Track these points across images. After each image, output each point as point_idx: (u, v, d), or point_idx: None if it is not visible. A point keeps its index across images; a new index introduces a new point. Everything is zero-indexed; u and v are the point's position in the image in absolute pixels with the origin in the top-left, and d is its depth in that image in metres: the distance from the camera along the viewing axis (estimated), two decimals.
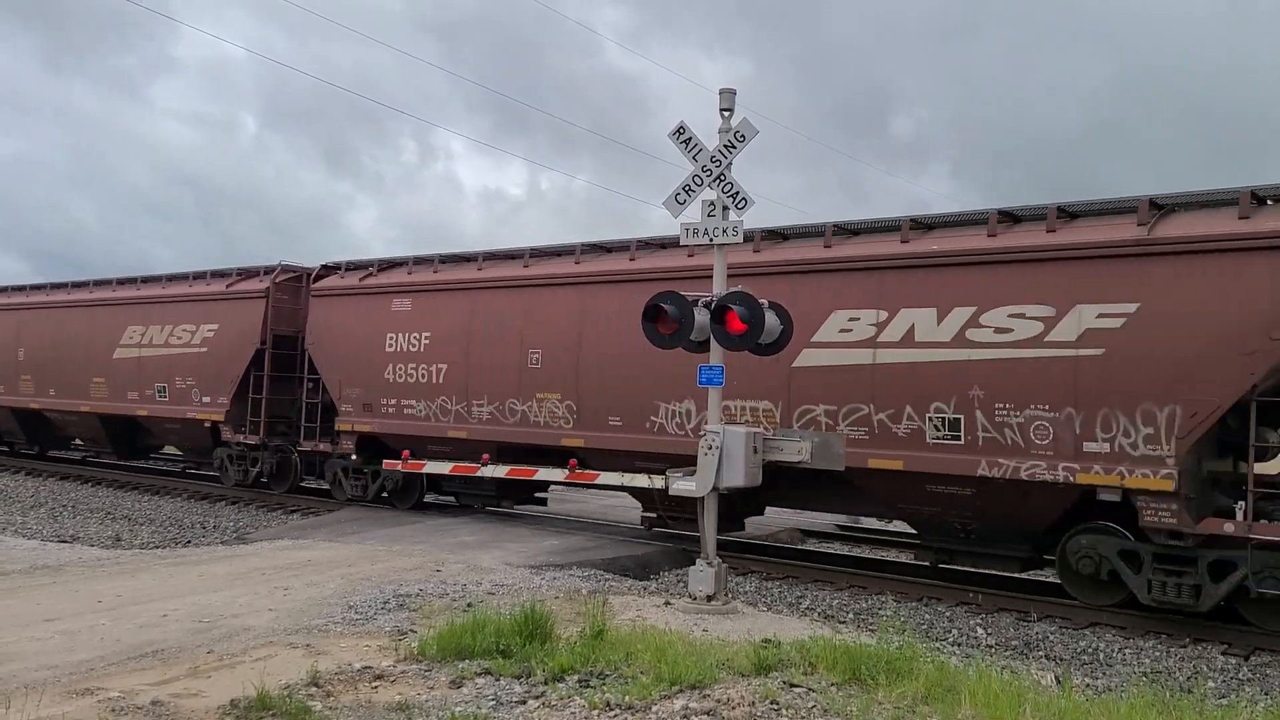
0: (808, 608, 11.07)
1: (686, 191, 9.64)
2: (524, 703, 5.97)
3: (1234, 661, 9.24)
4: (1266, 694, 8.28)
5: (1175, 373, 9.57)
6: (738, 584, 11.80)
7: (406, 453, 15.30)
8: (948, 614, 10.78)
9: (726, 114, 9.50)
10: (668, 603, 9.45)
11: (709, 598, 9.23)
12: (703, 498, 9.36)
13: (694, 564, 9.48)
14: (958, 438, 10.70)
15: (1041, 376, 10.21)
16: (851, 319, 11.43)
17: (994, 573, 11.48)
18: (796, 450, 9.61)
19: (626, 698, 5.93)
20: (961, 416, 10.67)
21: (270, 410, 18.01)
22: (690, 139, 9.59)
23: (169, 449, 22.88)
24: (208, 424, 18.89)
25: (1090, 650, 9.62)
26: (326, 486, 17.82)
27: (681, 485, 9.57)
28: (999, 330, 10.51)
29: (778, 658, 6.87)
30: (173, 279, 20.58)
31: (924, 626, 10.24)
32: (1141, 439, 9.75)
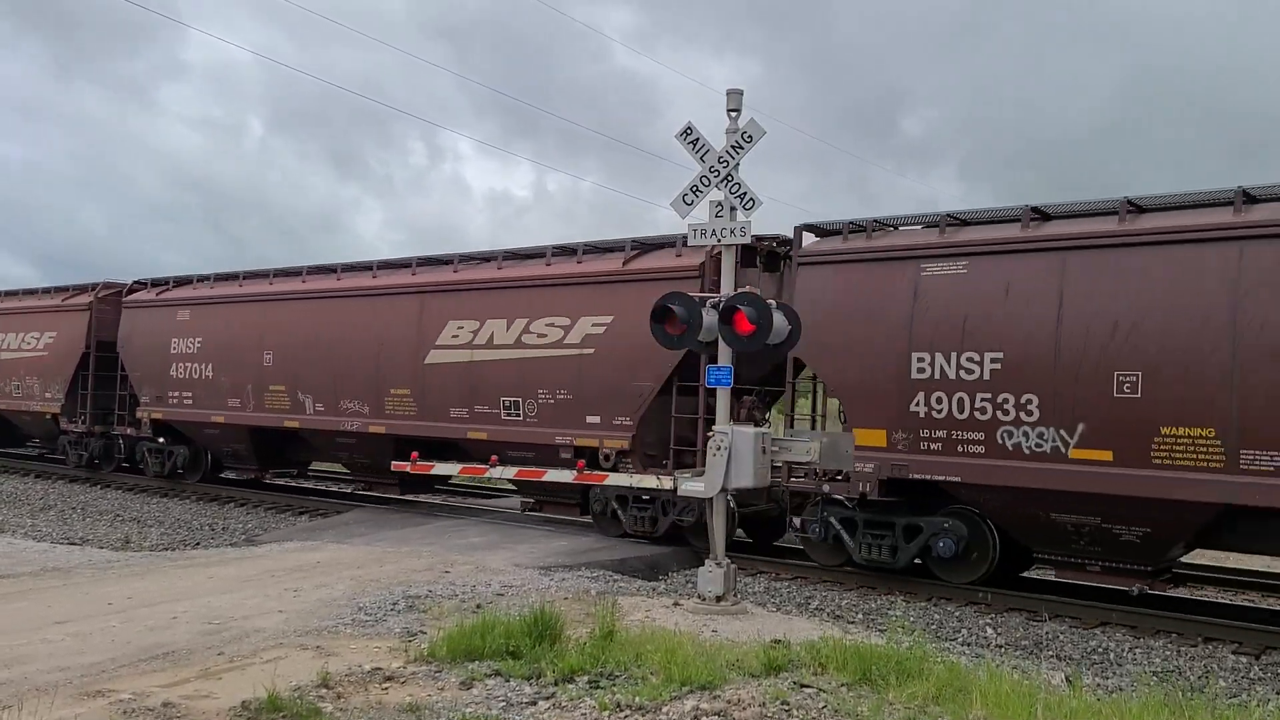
0: (817, 608, 11.06)
1: (694, 192, 9.64)
2: (534, 704, 5.97)
3: (1245, 660, 9.20)
4: (1278, 693, 8.25)
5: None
6: (747, 584, 11.79)
7: (415, 454, 15.26)
8: (957, 614, 10.75)
9: (734, 114, 9.49)
10: (677, 603, 9.45)
11: (718, 598, 9.22)
12: (711, 499, 9.36)
13: (703, 565, 9.47)
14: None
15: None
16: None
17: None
18: (805, 451, 9.60)
19: (637, 699, 5.93)
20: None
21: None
22: (698, 140, 9.58)
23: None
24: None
25: (1100, 649, 9.59)
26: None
27: (690, 486, 9.56)
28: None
29: (788, 658, 6.86)
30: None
31: (933, 626, 10.22)
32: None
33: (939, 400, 10.84)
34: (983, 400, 10.54)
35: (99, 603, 8.68)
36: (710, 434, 9.37)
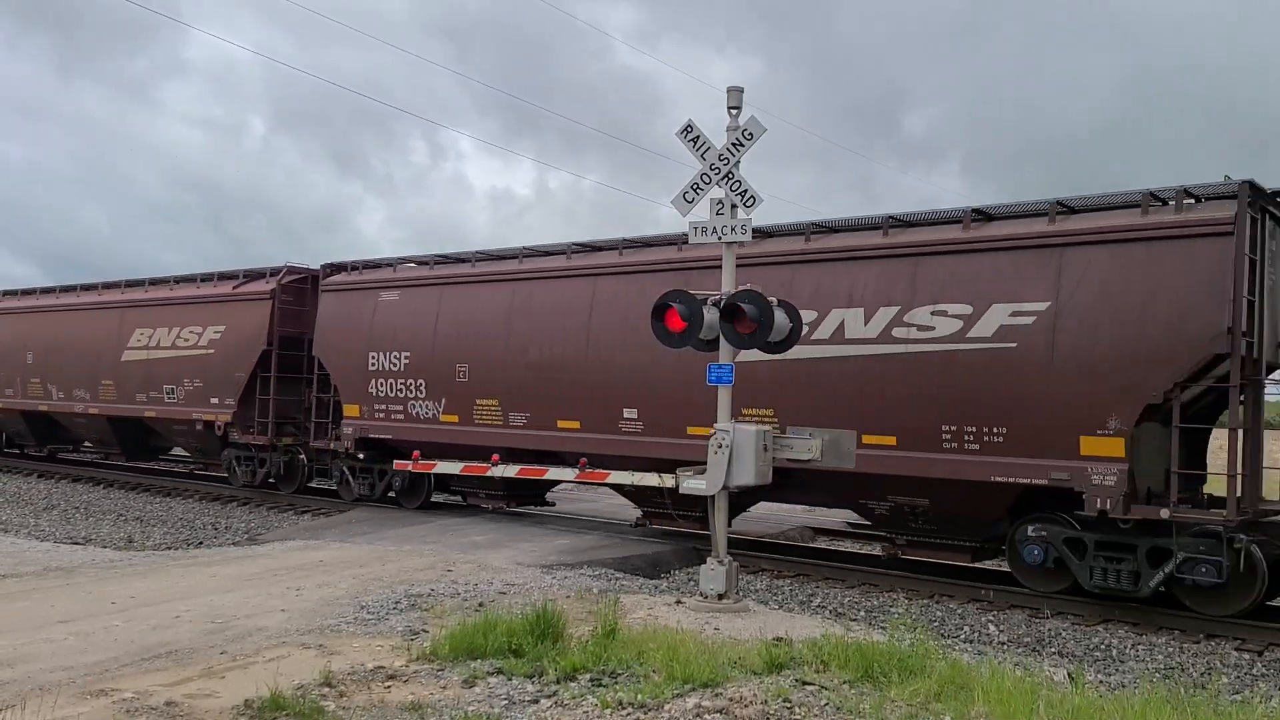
0: (819, 605, 11.06)
1: (695, 190, 9.63)
2: (536, 702, 5.98)
3: (1248, 657, 9.20)
4: None
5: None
6: (749, 582, 11.79)
7: (417, 453, 15.31)
8: (959, 611, 10.75)
9: (734, 112, 9.49)
10: (679, 601, 9.45)
11: (720, 596, 9.22)
12: (713, 496, 9.36)
13: (705, 563, 9.47)
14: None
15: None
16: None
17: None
18: (807, 448, 9.60)
19: (639, 697, 5.93)
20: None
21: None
22: (698, 137, 9.58)
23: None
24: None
25: (1103, 647, 9.59)
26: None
27: (691, 484, 9.56)
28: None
29: (790, 656, 6.87)
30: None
31: (935, 624, 10.22)
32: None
33: (383, 384, 16.33)
34: (401, 384, 16.09)
35: (102, 602, 8.69)
36: (712, 431, 9.37)
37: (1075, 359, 10.23)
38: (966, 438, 10.82)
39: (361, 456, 16.97)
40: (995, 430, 10.66)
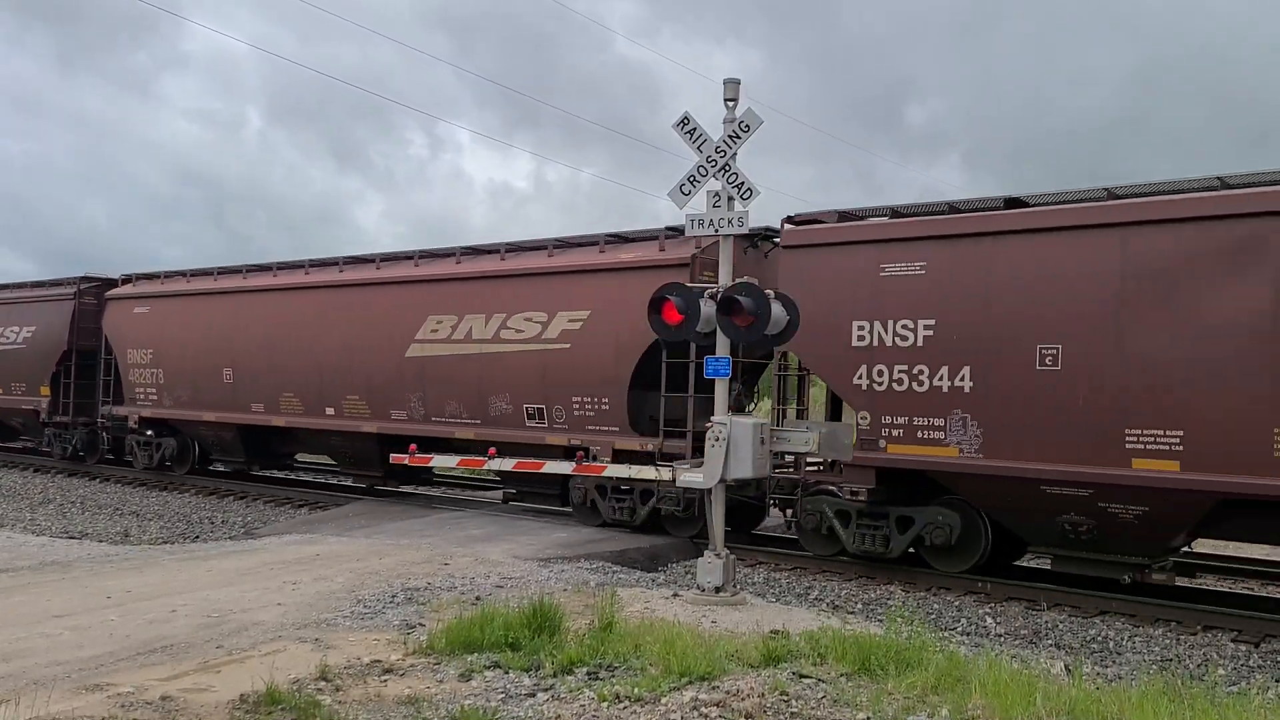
0: (816, 598, 11.06)
1: (691, 182, 9.61)
2: (533, 695, 5.97)
3: (1245, 648, 9.20)
4: (1278, 681, 8.26)
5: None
6: (746, 575, 11.79)
7: (414, 446, 15.28)
8: (956, 603, 10.76)
9: (731, 104, 9.46)
10: (676, 595, 9.45)
11: (717, 589, 9.22)
12: (710, 489, 9.35)
13: (702, 556, 9.47)
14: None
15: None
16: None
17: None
18: (804, 441, 9.59)
19: (636, 690, 5.92)
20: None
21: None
22: (695, 129, 9.55)
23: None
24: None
25: (1100, 638, 9.60)
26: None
27: (689, 477, 9.55)
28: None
29: (787, 649, 6.86)
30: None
31: (932, 616, 10.23)
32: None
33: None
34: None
35: (98, 596, 8.67)
36: (709, 424, 9.36)
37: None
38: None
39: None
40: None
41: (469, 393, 15.09)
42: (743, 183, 9.40)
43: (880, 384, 11.18)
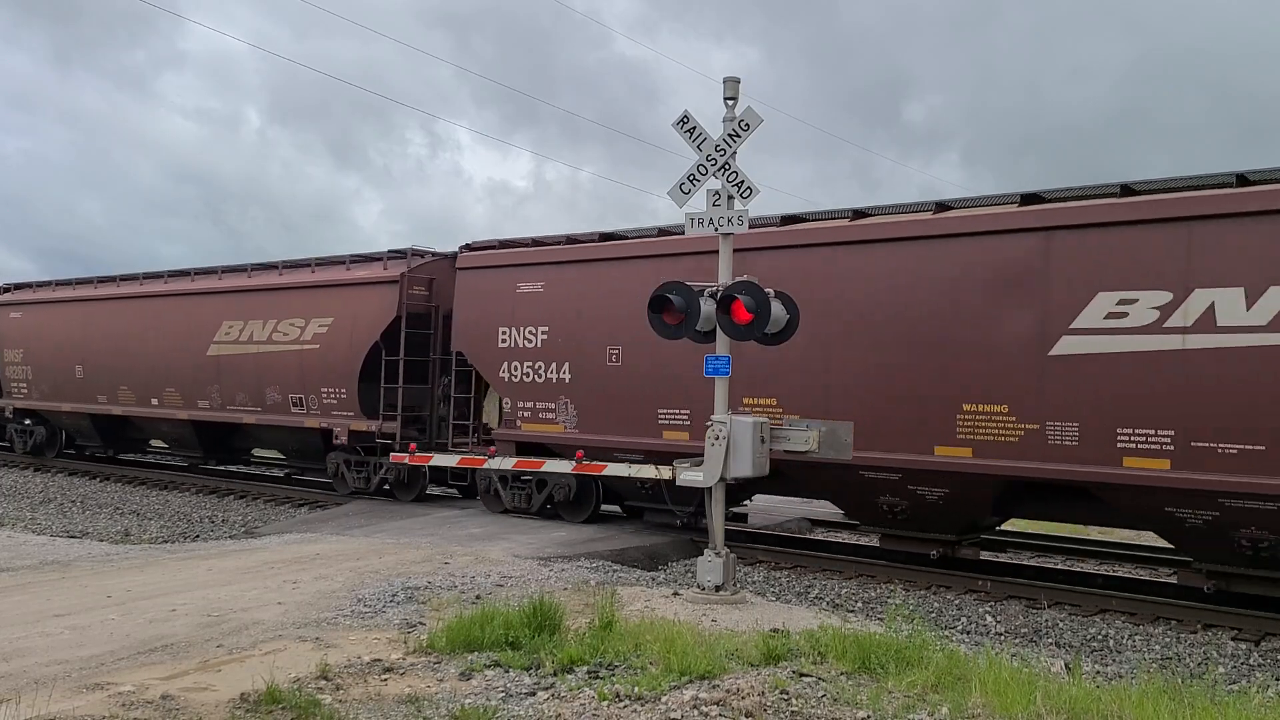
0: (816, 597, 11.07)
1: (691, 181, 9.61)
2: (533, 694, 5.97)
3: (1244, 647, 9.21)
4: (1278, 679, 8.26)
5: None
6: (746, 574, 11.79)
7: (413, 445, 15.33)
8: (956, 602, 10.76)
9: (731, 102, 9.46)
10: (676, 593, 9.45)
11: (717, 588, 9.23)
12: (710, 488, 9.35)
13: (702, 554, 9.47)
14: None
15: None
16: None
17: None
18: (804, 440, 9.59)
19: (636, 688, 5.93)
20: None
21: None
22: (694, 128, 9.55)
23: None
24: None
25: (1100, 637, 9.61)
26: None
27: (688, 476, 9.55)
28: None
29: (787, 647, 6.87)
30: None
31: (932, 615, 10.23)
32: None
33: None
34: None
35: (98, 595, 8.68)
36: (709, 423, 9.36)
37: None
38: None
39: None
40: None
41: (251, 385, 18.29)
42: (743, 181, 9.39)
43: (516, 377, 14.56)
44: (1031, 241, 10.26)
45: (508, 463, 14.20)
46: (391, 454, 15.64)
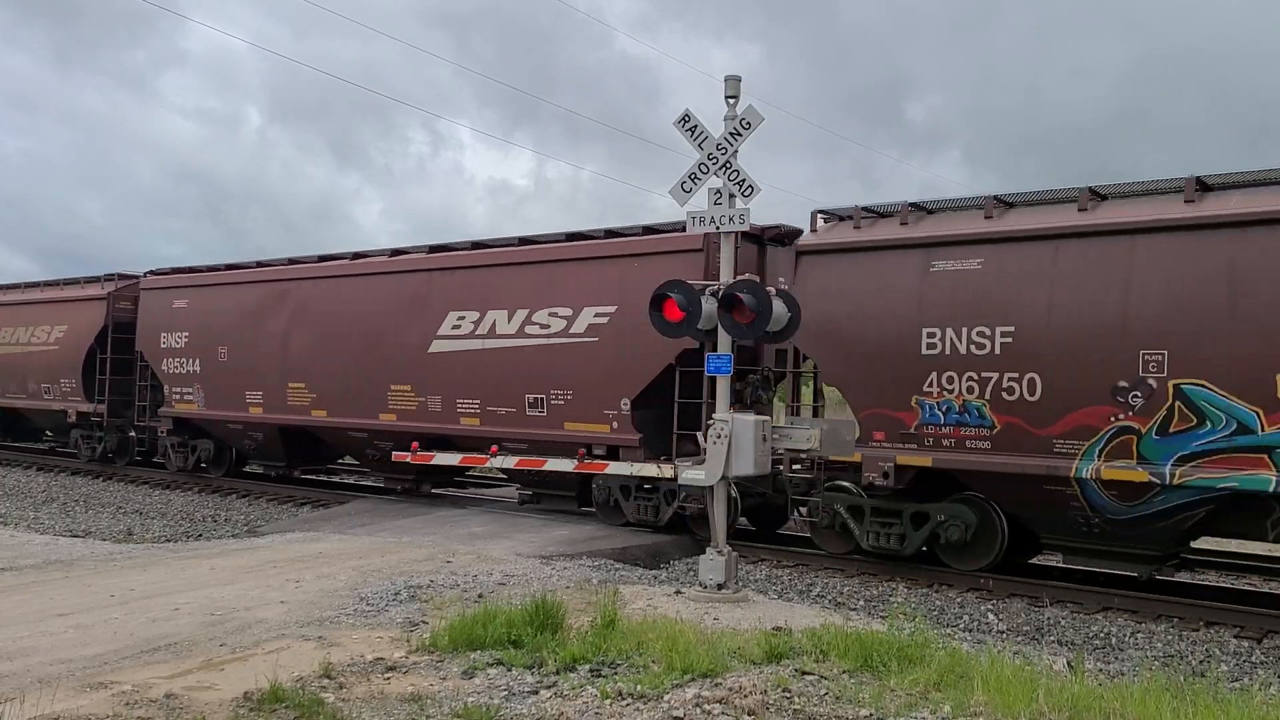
0: (818, 595, 11.07)
1: (692, 179, 9.60)
2: (536, 693, 5.98)
3: (1247, 645, 9.21)
4: None
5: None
6: (748, 572, 11.80)
7: (416, 444, 15.31)
8: (958, 600, 10.76)
9: (732, 101, 9.46)
10: (679, 591, 9.46)
11: (719, 586, 9.23)
12: (712, 486, 9.36)
13: (704, 553, 9.48)
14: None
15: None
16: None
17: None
18: (806, 438, 9.59)
19: (639, 687, 5.93)
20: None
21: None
22: (696, 126, 9.55)
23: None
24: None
25: (1102, 635, 9.61)
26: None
27: (691, 475, 9.56)
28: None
29: (789, 646, 6.87)
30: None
31: (935, 613, 10.23)
32: None
33: None
34: None
35: (101, 595, 8.69)
36: (710, 422, 9.37)
37: None
38: None
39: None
40: None
41: (18, 378, 23.56)
42: (744, 180, 9.39)
43: (172, 369, 19.63)
44: (423, 278, 15.70)
45: (509, 461, 14.21)
46: (394, 453, 15.60)
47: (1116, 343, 9.82)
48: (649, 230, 13.69)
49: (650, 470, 12.62)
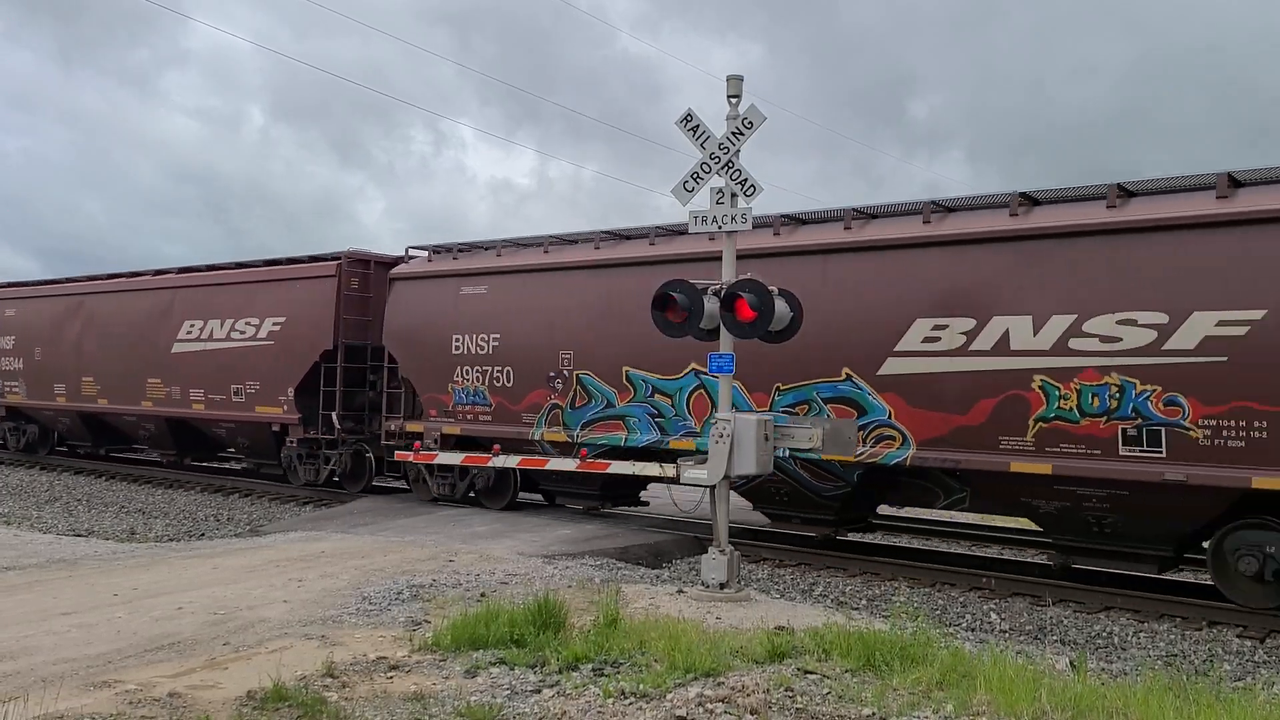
0: (820, 594, 11.07)
1: (695, 179, 9.61)
2: (538, 692, 5.99)
3: (1250, 644, 9.20)
4: None
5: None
6: (750, 571, 11.81)
7: (418, 444, 15.34)
8: (961, 599, 10.76)
9: (734, 100, 9.46)
10: (681, 591, 9.46)
11: (722, 585, 9.24)
12: (714, 486, 9.36)
13: (707, 552, 9.48)
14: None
15: None
16: None
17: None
18: (808, 438, 9.60)
19: (641, 686, 5.94)
20: None
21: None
22: (698, 126, 9.55)
23: None
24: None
25: (1105, 634, 9.60)
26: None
27: (693, 474, 9.57)
28: None
29: (791, 645, 6.87)
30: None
31: (937, 612, 10.23)
32: None
33: None
34: None
35: (105, 594, 8.71)
36: (713, 421, 9.37)
37: None
38: None
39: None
40: None
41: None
42: (746, 179, 9.40)
43: (2, 366, 23.88)
44: (169, 294, 19.66)
45: (512, 460, 14.21)
46: (397, 452, 15.63)
47: (547, 346, 14.32)
48: (293, 261, 18.50)
49: (652, 470, 12.63)
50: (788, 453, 11.37)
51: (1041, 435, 10.27)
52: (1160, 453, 9.67)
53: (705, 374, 12.23)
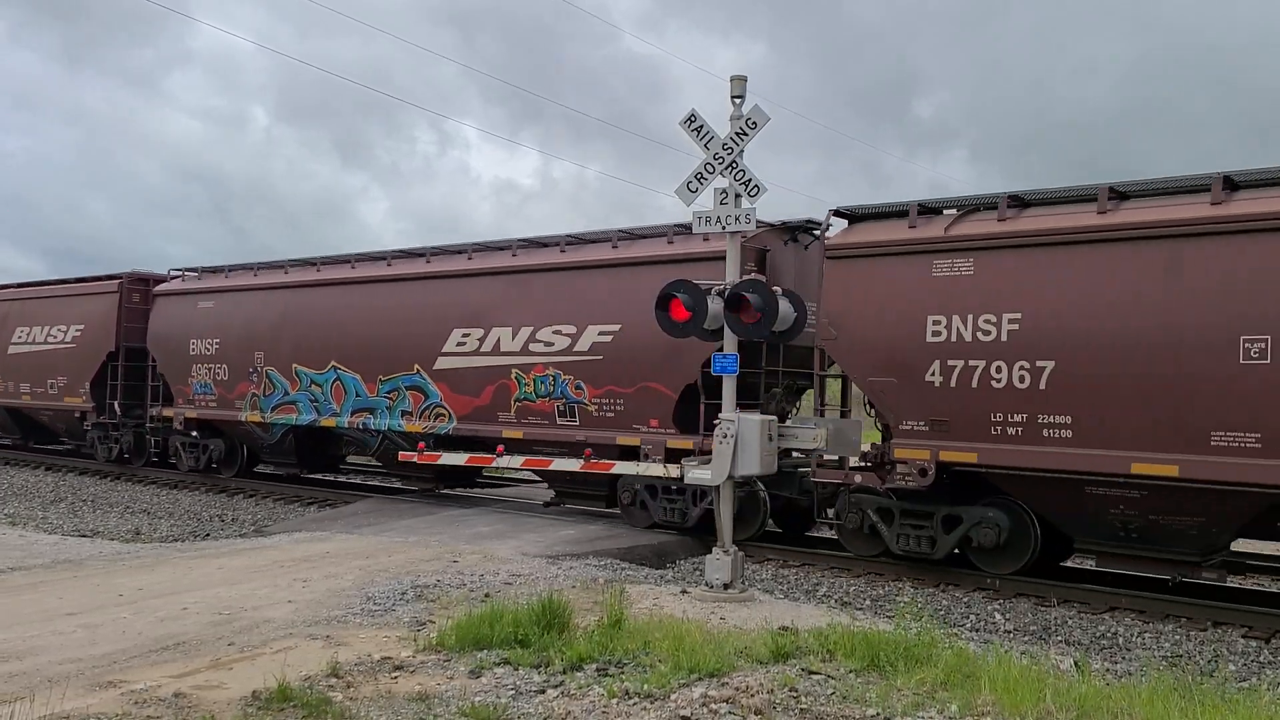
0: (824, 594, 11.06)
1: (698, 179, 9.61)
2: (543, 692, 5.99)
3: (1255, 645, 9.19)
4: None
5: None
6: (754, 572, 11.80)
7: (422, 444, 15.33)
8: (965, 599, 10.75)
9: (738, 101, 9.46)
10: (685, 591, 9.46)
11: (726, 585, 9.24)
12: (719, 486, 9.36)
13: (711, 552, 9.48)
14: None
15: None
16: None
17: None
18: (812, 438, 9.60)
19: (645, 686, 5.94)
20: None
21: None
22: (701, 126, 9.55)
23: None
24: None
25: (1109, 634, 9.59)
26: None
27: (696, 474, 9.57)
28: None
29: (795, 645, 6.87)
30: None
31: (941, 612, 10.22)
32: None
33: None
34: None
35: (110, 594, 8.73)
36: (717, 421, 9.37)
37: None
38: None
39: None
40: None
41: None
42: (750, 179, 9.40)
43: None
44: (6, 305, 23.88)
45: (515, 461, 14.21)
46: (400, 453, 15.64)
47: (248, 349, 18.66)
48: (95, 279, 22.27)
49: (655, 470, 12.63)
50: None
51: (519, 410, 14.77)
52: (575, 421, 14.22)
53: (341, 369, 16.98)
